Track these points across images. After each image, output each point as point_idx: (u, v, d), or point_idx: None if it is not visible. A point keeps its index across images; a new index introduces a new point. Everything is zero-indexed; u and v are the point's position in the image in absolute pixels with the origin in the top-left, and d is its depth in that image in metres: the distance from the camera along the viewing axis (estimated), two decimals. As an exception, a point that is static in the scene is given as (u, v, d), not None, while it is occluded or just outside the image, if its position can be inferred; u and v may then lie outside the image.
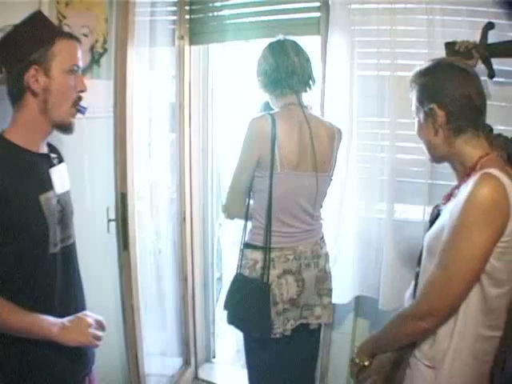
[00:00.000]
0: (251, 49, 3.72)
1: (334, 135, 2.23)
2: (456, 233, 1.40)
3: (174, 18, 2.91)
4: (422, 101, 1.56)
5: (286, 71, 2.14)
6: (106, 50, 2.32)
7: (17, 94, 1.50)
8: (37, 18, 1.54)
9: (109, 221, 2.35)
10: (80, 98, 1.59)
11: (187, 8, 2.94)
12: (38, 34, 1.49)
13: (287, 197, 2.13)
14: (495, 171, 1.39)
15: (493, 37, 2.14)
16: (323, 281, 2.27)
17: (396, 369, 1.61)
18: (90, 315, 1.58)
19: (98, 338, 1.55)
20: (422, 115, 1.57)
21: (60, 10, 2.00)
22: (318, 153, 2.15)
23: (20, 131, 1.50)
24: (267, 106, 2.48)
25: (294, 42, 2.19)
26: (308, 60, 2.19)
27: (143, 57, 2.58)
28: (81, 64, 1.59)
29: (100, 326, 1.60)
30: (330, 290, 2.31)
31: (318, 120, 2.24)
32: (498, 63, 2.17)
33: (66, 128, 1.58)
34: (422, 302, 1.51)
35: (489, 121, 2.17)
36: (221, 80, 3.46)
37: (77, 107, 1.58)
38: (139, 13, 2.38)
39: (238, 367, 3.41)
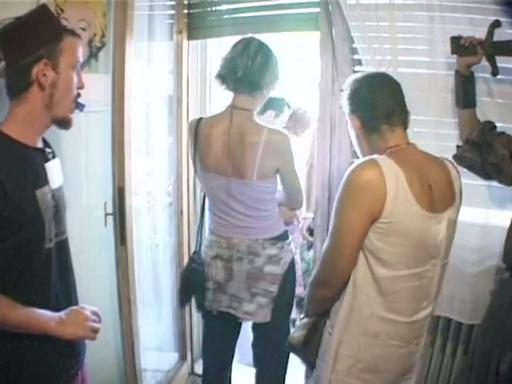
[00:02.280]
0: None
1: (267, 143, 2.13)
2: (334, 208, 1.59)
3: (172, 12, 2.90)
4: (345, 112, 1.78)
5: (227, 67, 2.16)
6: (104, 44, 2.31)
7: (20, 87, 1.48)
8: (44, 12, 1.53)
9: (106, 215, 2.35)
10: (79, 95, 1.59)
11: (185, 2, 2.93)
12: (47, 29, 1.49)
13: (210, 195, 2.36)
14: (380, 158, 1.55)
15: (496, 34, 2.14)
16: (257, 279, 2.29)
17: (313, 330, 1.78)
18: (86, 308, 1.58)
19: (96, 330, 1.56)
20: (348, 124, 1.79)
21: (58, 3, 1.98)
22: (236, 158, 2.16)
23: (18, 125, 1.48)
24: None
25: (259, 43, 2.18)
26: (262, 64, 2.14)
27: (141, 51, 2.57)
28: (81, 60, 1.60)
29: (97, 317, 1.60)
30: (269, 292, 2.30)
31: (249, 126, 2.19)
32: (497, 60, 2.17)
33: (65, 123, 1.58)
34: (316, 271, 1.69)
35: (486, 117, 2.20)
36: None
37: (76, 104, 1.59)
38: (137, 7, 2.38)
39: (234, 362, 3.41)
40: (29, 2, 1.75)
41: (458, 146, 2.18)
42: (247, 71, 2.12)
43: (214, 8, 2.92)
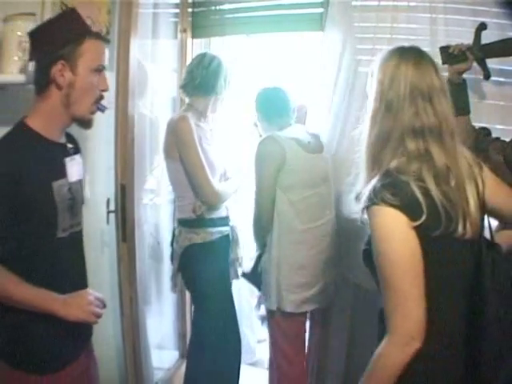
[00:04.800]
0: (253, 43, 3.72)
1: (169, 124, 2.52)
2: (255, 173, 2.39)
3: (177, 11, 2.93)
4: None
5: (188, 78, 2.56)
6: (108, 42, 2.31)
7: (42, 84, 1.57)
8: (70, 15, 1.62)
9: (108, 212, 2.35)
10: (102, 97, 1.66)
11: (190, 1, 2.95)
12: (69, 31, 1.56)
13: None
14: (273, 133, 2.39)
15: (495, 36, 2.15)
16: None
17: (259, 259, 2.50)
18: (91, 293, 1.64)
19: (98, 315, 1.61)
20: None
21: (63, 0, 1.99)
22: None
23: (40, 119, 1.57)
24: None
25: (212, 56, 2.56)
26: (215, 72, 2.51)
27: (145, 49, 2.58)
28: (105, 64, 1.67)
29: (101, 303, 1.66)
30: (174, 266, 2.65)
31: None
32: (497, 63, 2.18)
33: (84, 123, 1.66)
34: (253, 214, 2.44)
35: (488, 120, 2.21)
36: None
37: (97, 105, 1.66)
38: (142, 5, 2.39)
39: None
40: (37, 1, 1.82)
41: None
42: (203, 79, 2.51)
43: (218, 7, 2.94)
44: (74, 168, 1.68)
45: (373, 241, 1.32)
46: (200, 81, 2.50)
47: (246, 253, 2.76)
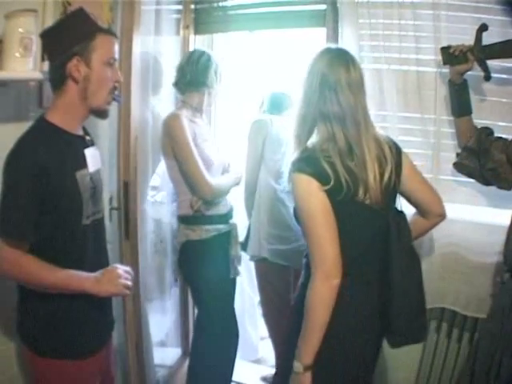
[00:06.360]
0: (256, 39, 3.71)
1: (163, 124, 2.54)
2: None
3: (179, 7, 2.92)
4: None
5: (178, 75, 2.62)
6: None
7: (59, 81, 1.66)
8: (79, 15, 1.69)
9: (111, 209, 2.35)
10: (116, 88, 1.76)
11: (192, -3, 2.95)
12: (80, 29, 1.65)
13: None
14: (262, 116, 2.88)
15: (497, 34, 2.14)
16: None
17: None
18: (118, 266, 1.73)
19: (128, 287, 1.69)
20: None
21: (66, -3, 2.00)
22: None
23: (60, 114, 1.67)
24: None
25: (201, 52, 2.62)
26: (205, 67, 2.55)
27: (148, 46, 2.57)
28: (117, 57, 1.74)
29: (129, 275, 1.74)
30: (174, 261, 2.78)
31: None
32: (499, 60, 2.17)
33: (101, 113, 1.76)
34: (244, 180, 2.86)
35: (490, 117, 2.20)
36: (224, 70, 3.45)
37: (113, 96, 1.75)
38: (145, 2, 2.39)
39: (237, 358, 3.40)
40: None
41: (457, 154, 2.18)
42: (193, 74, 2.55)
43: (220, 3, 2.94)
44: (93, 158, 1.79)
45: (294, 201, 1.67)
46: (190, 77, 2.55)
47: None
